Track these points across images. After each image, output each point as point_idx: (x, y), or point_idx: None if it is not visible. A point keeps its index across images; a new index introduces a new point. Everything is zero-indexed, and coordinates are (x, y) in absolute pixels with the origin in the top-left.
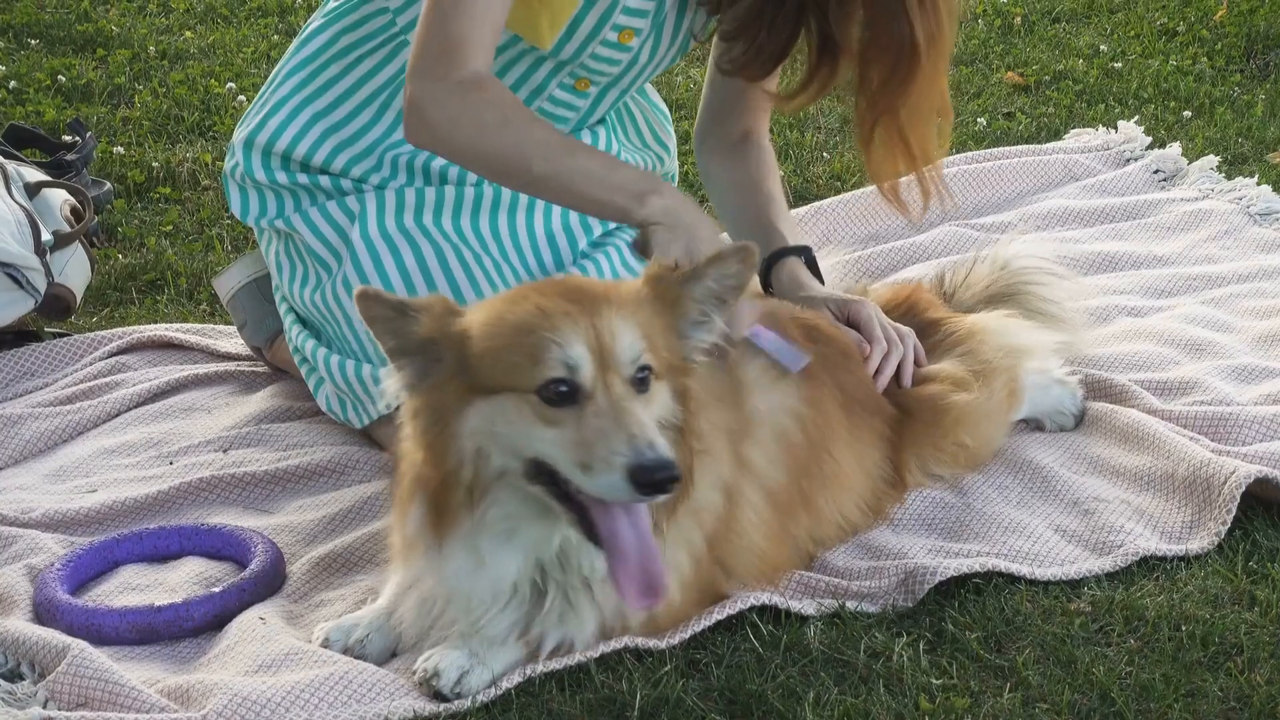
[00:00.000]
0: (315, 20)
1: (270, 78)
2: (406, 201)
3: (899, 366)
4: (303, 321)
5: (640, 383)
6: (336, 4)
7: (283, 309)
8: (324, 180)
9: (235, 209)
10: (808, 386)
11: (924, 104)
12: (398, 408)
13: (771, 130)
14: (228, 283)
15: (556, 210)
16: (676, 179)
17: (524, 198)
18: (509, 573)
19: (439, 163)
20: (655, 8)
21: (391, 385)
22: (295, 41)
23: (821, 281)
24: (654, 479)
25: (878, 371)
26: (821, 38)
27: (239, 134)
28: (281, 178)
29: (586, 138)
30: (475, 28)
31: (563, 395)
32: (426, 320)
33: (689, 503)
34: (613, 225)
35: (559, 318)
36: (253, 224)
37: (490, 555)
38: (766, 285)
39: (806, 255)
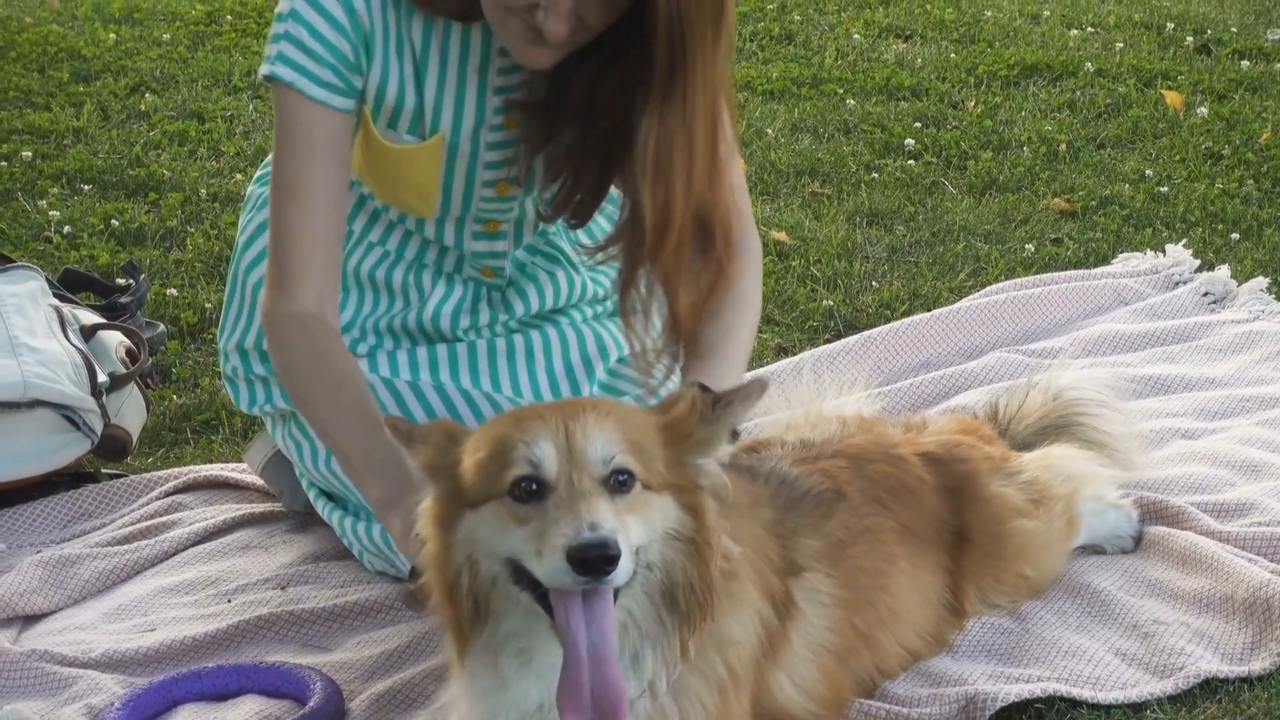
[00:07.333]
0: (246, 228)
1: (231, 280)
2: (400, 361)
3: None
4: (327, 495)
5: (618, 485)
6: (250, 213)
7: (305, 483)
8: None
9: (242, 405)
10: (860, 522)
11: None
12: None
13: (819, 260)
14: (255, 456)
15: (557, 351)
16: None
17: (523, 344)
18: (530, 699)
19: (427, 319)
20: (516, 158)
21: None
22: (236, 249)
23: None
24: (585, 556)
25: None
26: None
27: (228, 341)
28: None
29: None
30: (304, 254)
31: (531, 493)
32: (426, 449)
33: (714, 632)
34: (614, 358)
35: (532, 422)
36: (259, 412)
37: (511, 677)
38: None
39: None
